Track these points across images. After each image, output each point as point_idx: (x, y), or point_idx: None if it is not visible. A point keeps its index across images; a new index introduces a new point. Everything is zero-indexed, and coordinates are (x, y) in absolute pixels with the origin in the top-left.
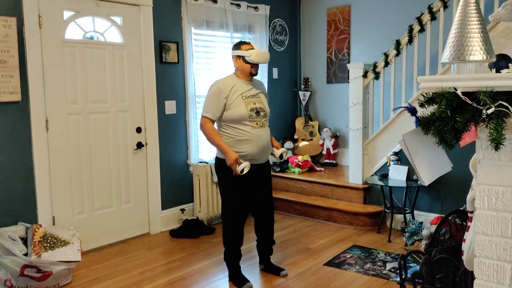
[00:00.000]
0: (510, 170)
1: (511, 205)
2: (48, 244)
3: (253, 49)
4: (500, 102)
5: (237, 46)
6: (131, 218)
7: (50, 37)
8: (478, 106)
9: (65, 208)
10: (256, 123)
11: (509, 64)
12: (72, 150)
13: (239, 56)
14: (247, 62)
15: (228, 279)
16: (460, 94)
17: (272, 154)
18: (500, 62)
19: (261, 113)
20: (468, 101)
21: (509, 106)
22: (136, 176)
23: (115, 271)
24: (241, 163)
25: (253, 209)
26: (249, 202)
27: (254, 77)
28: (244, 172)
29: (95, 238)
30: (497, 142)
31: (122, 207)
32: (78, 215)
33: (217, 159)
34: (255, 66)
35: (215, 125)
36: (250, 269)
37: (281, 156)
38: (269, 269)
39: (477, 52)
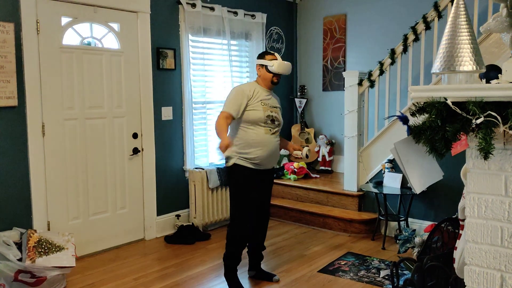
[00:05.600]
0: (499, 179)
1: (501, 214)
2: (42, 250)
3: (277, 60)
4: (489, 112)
5: (262, 55)
6: (126, 224)
7: (47, 43)
8: (468, 116)
9: (60, 213)
10: (270, 129)
11: (499, 75)
12: (68, 155)
13: (262, 65)
14: (270, 72)
15: (222, 285)
16: (450, 104)
17: (295, 157)
18: (490, 73)
19: (276, 122)
20: (458, 111)
21: (498, 116)
22: (131, 182)
23: (110, 276)
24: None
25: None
26: (257, 207)
27: (273, 93)
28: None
29: (90, 243)
30: (486, 152)
31: (118, 212)
32: (73, 220)
33: (234, 164)
34: (277, 75)
35: (231, 126)
36: (244, 276)
37: (306, 155)
38: (261, 275)
39: (467, 63)
